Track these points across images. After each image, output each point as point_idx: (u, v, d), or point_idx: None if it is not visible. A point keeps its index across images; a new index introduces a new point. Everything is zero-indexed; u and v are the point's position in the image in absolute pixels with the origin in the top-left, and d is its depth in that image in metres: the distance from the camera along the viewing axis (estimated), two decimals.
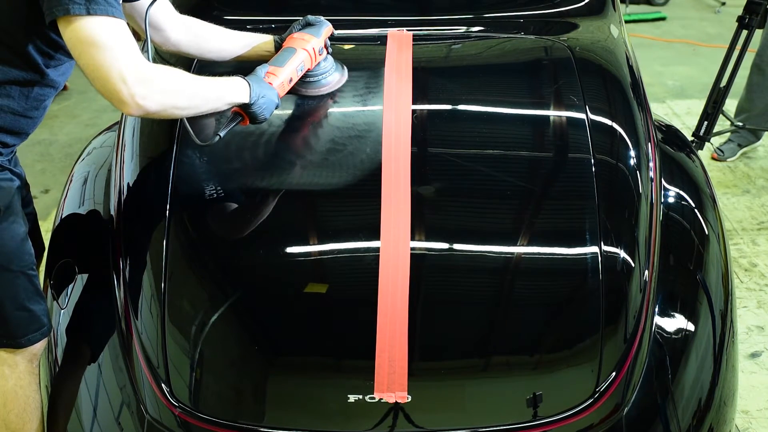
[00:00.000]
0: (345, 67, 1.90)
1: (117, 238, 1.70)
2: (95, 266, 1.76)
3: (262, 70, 1.69)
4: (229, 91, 1.58)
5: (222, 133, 1.62)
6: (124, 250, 1.67)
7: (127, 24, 1.46)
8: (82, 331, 1.67)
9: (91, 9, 1.38)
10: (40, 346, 1.75)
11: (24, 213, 1.71)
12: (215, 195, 1.70)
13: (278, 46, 1.87)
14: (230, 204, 1.69)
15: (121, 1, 1.47)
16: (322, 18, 1.87)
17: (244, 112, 1.62)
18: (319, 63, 1.82)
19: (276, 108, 1.68)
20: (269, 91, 1.65)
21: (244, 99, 1.60)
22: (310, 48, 1.78)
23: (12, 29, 1.52)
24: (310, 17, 1.87)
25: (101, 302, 1.66)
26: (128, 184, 1.76)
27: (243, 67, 1.74)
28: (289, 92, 1.78)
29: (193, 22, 1.85)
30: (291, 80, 1.74)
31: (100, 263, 1.72)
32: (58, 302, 1.70)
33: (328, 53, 1.85)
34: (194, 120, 1.60)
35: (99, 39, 1.38)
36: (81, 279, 1.73)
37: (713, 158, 3.93)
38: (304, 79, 1.81)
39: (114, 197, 1.78)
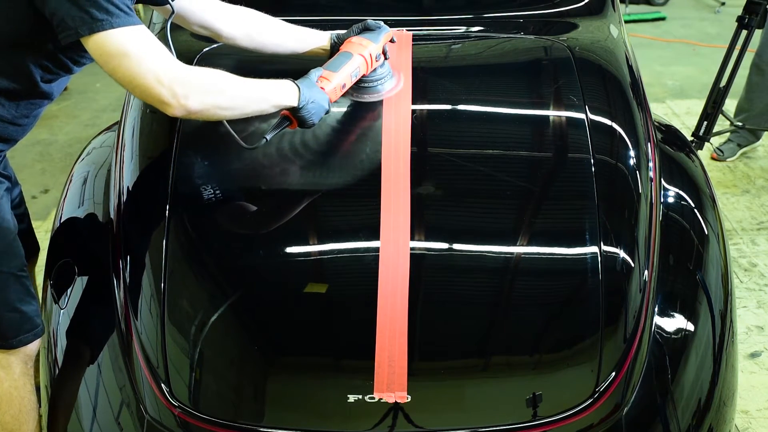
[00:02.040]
0: (401, 74, 1.87)
1: (117, 238, 1.70)
2: (95, 266, 1.76)
3: (315, 73, 1.66)
4: (276, 94, 1.56)
5: (269, 137, 1.60)
6: (123, 250, 1.66)
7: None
8: (82, 331, 1.67)
9: (114, 23, 1.39)
10: (33, 347, 1.74)
11: (14, 214, 1.70)
12: (215, 195, 1.70)
13: (334, 45, 1.85)
14: (230, 204, 1.69)
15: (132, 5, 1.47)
16: (382, 23, 1.85)
17: (292, 115, 1.60)
18: (375, 69, 1.80)
19: (326, 113, 1.65)
20: (320, 96, 1.63)
21: (293, 102, 1.58)
22: (366, 54, 1.75)
23: (9, 41, 1.52)
24: (370, 22, 1.84)
25: (101, 302, 1.66)
26: (128, 184, 1.76)
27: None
28: (343, 96, 1.76)
29: (248, 15, 1.83)
30: (344, 86, 1.72)
31: (100, 263, 1.72)
32: (57, 302, 1.70)
33: (385, 59, 1.83)
34: (238, 123, 1.58)
35: (128, 49, 1.40)
36: (81, 279, 1.73)
37: (713, 158, 3.93)
38: (360, 85, 1.79)
39: (114, 197, 1.78)
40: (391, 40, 1.85)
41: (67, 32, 1.40)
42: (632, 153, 1.79)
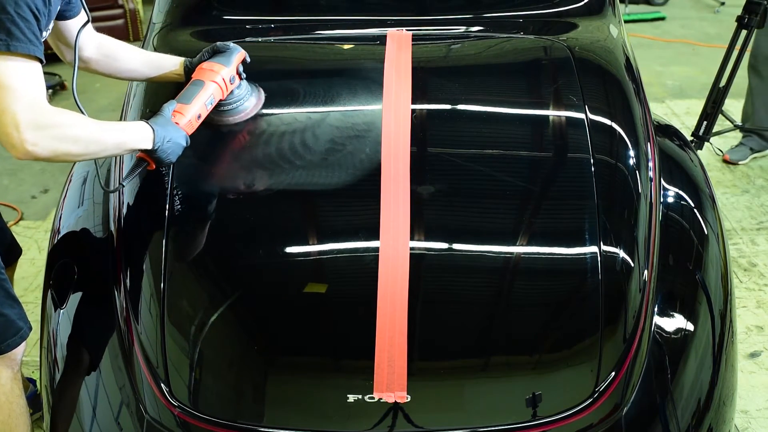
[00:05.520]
0: (260, 89, 1.85)
1: (116, 238, 1.70)
2: (95, 266, 1.76)
3: (169, 107, 1.63)
4: (131, 139, 1.53)
5: (125, 182, 1.60)
6: (123, 250, 1.67)
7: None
8: (82, 331, 1.67)
9: (11, 46, 1.36)
10: (20, 350, 1.74)
11: None
12: (214, 195, 1.70)
13: (188, 70, 1.81)
14: (230, 204, 1.69)
15: (47, 32, 1.43)
16: (231, 44, 1.81)
17: (148, 157, 1.59)
18: (232, 91, 1.76)
19: (184, 148, 1.63)
20: (175, 133, 1.60)
21: (147, 145, 1.55)
22: (219, 79, 1.72)
23: None
24: (219, 44, 1.80)
25: (101, 302, 1.66)
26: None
27: None
28: (213, 120, 1.74)
29: (105, 41, 1.80)
30: (199, 116, 1.68)
31: (100, 263, 1.72)
32: (57, 302, 1.70)
33: (241, 80, 1.79)
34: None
35: (4, 78, 1.35)
36: (80, 279, 1.73)
37: (725, 160, 3.91)
38: (219, 108, 1.76)
39: (113, 197, 1.78)
40: (244, 60, 1.81)
41: None
42: (632, 153, 1.79)
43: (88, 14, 1.67)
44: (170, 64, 1.85)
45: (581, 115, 1.81)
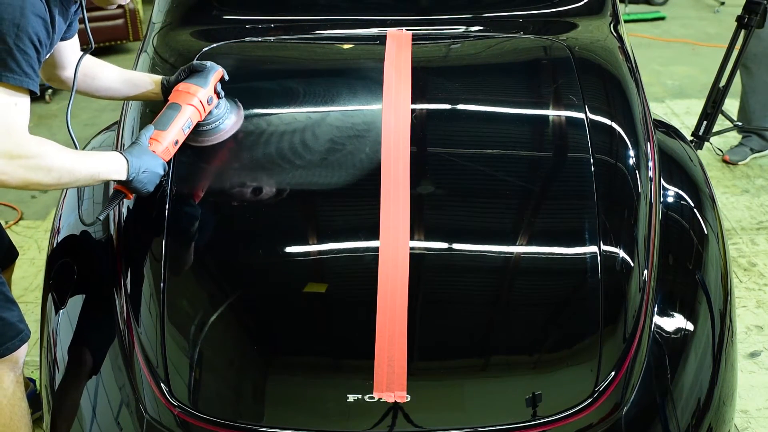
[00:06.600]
0: (240, 105, 1.81)
1: (116, 238, 1.70)
2: (95, 266, 1.76)
3: (146, 134, 1.61)
4: (105, 170, 1.51)
5: (101, 216, 1.60)
6: (123, 250, 1.67)
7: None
8: (82, 331, 1.67)
9: (3, 77, 1.35)
10: (20, 353, 1.74)
11: None
12: (215, 194, 1.70)
13: (165, 89, 1.79)
14: (229, 203, 1.69)
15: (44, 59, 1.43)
16: (209, 63, 1.76)
17: (125, 188, 1.57)
18: (210, 111, 1.73)
19: (162, 176, 1.61)
20: (152, 162, 1.57)
21: (121, 177, 1.53)
22: (196, 102, 1.67)
23: None
24: (195, 63, 1.77)
25: (101, 302, 1.66)
26: None
27: None
28: (191, 140, 1.71)
29: (85, 60, 1.77)
30: (177, 142, 1.65)
31: (100, 263, 1.72)
32: (57, 302, 1.70)
33: (219, 99, 1.75)
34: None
35: None
36: (80, 279, 1.73)
37: (725, 161, 3.91)
38: (198, 129, 1.72)
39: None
40: (222, 78, 1.76)
41: None
42: (632, 153, 1.79)
43: (91, 41, 1.66)
44: (147, 82, 1.84)
45: (581, 115, 1.81)
